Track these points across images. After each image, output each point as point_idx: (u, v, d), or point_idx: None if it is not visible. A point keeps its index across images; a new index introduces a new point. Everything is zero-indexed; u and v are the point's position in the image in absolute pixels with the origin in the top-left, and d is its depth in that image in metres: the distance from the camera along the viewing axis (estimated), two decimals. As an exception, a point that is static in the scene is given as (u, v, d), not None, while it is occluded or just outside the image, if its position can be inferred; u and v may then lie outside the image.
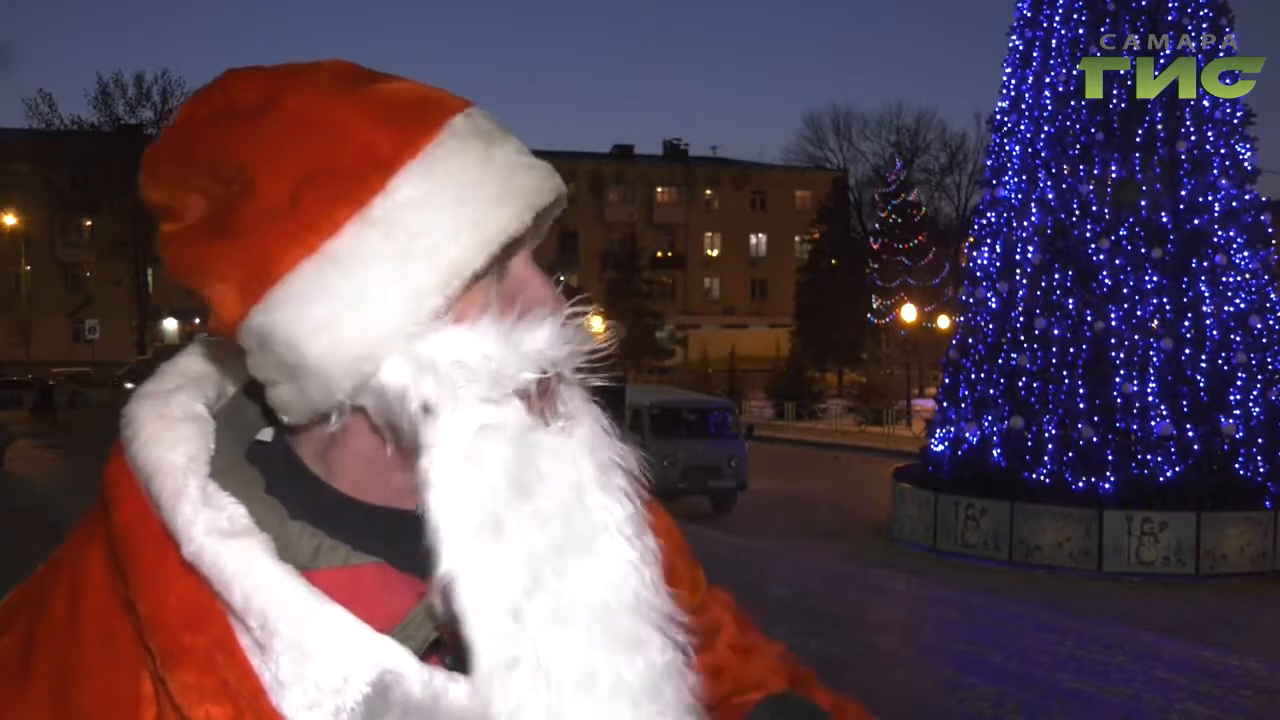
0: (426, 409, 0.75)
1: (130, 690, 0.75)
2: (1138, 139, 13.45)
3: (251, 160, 0.76)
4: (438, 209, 0.76)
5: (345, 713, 0.72)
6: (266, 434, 0.87)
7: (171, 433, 0.79)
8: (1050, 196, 13.87)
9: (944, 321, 35.24)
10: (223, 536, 0.74)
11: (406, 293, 0.75)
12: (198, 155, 0.78)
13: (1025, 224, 14.11)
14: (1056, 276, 13.66)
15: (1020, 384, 13.61)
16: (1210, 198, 13.49)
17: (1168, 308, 13.27)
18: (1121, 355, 13.16)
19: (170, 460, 0.77)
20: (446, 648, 0.79)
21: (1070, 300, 13.50)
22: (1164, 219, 13.38)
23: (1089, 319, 13.29)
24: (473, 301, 0.78)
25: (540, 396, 0.79)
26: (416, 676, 0.74)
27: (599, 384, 0.85)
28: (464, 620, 0.74)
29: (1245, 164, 13.79)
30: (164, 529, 0.75)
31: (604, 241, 56.55)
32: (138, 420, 0.81)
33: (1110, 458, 12.94)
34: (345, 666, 0.72)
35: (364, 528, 0.81)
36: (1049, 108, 13.99)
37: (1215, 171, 13.49)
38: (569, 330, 0.80)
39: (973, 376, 14.29)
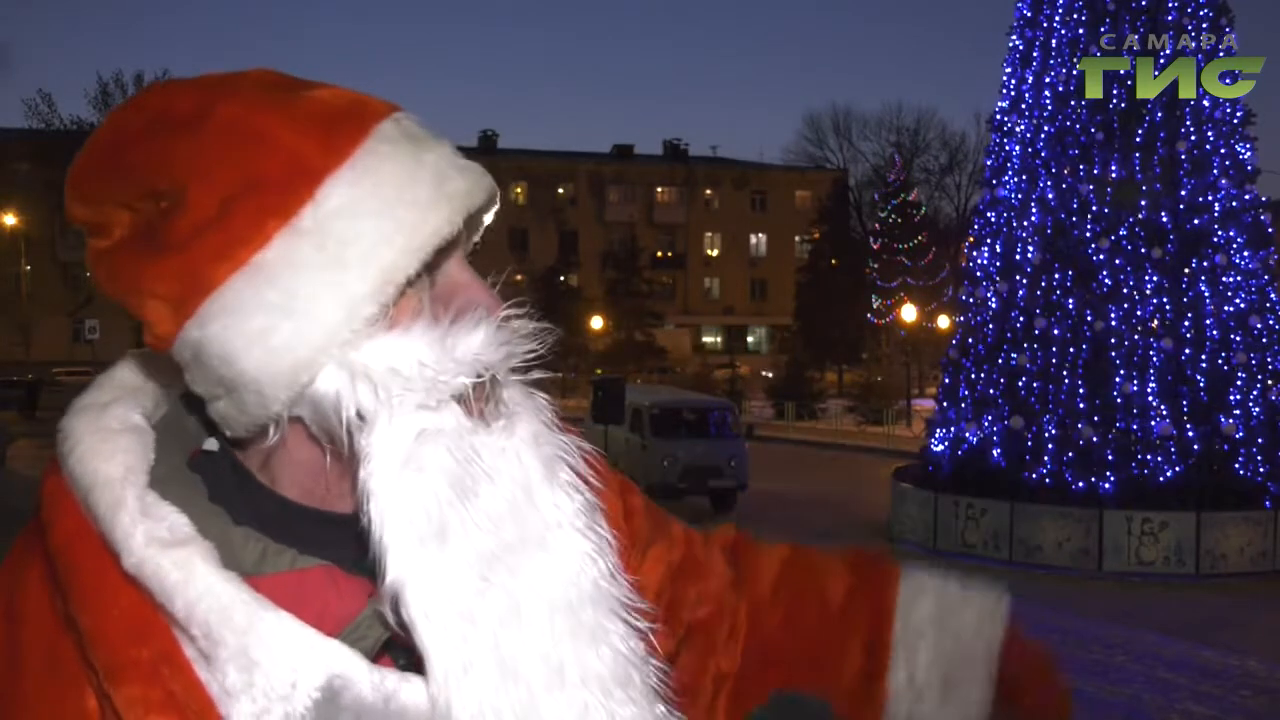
0: (362, 417, 0.75)
1: (76, 708, 0.74)
2: (1138, 139, 13.45)
3: (182, 174, 0.75)
4: (368, 215, 0.76)
5: (295, 718, 0.71)
6: (211, 443, 0.86)
7: (108, 445, 0.78)
8: (1050, 196, 13.87)
9: (944, 321, 35.24)
10: (163, 547, 0.73)
11: (339, 301, 0.75)
12: (126, 169, 0.77)
13: (1025, 224, 14.12)
14: (1056, 276, 13.66)
15: (1020, 384, 13.61)
16: (1210, 198, 13.49)
17: (1168, 308, 13.27)
18: (1121, 355, 13.17)
19: (106, 472, 0.76)
20: (399, 648, 0.78)
21: (1070, 300, 13.50)
22: (1164, 219, 13.38)
23: (1089, 319, 13.29)
24: (406, 307, 0.78)
25: (478, 399, 0.79)
26: (367, 679, 0.73)
27: (600, 383, 0.86)
28: (415, 627, 0.74)
29: (1245, 164, 13.79)
30: (103, 542, 0.74)
31: (604, 241, 56.55)
32: (74, 434, 0.80)
33: (1110, 458, 12.94)
34: (292, 672, 0.72)
35: (311, 532, 0.80)
36: (1049, 108, 13.99)
37: (1215, 171, 13.50)
38: (504, 331, 0.79)
39: (973, 376, 14.29)
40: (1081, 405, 13.17)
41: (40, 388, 35.28)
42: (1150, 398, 13.04)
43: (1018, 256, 14.12)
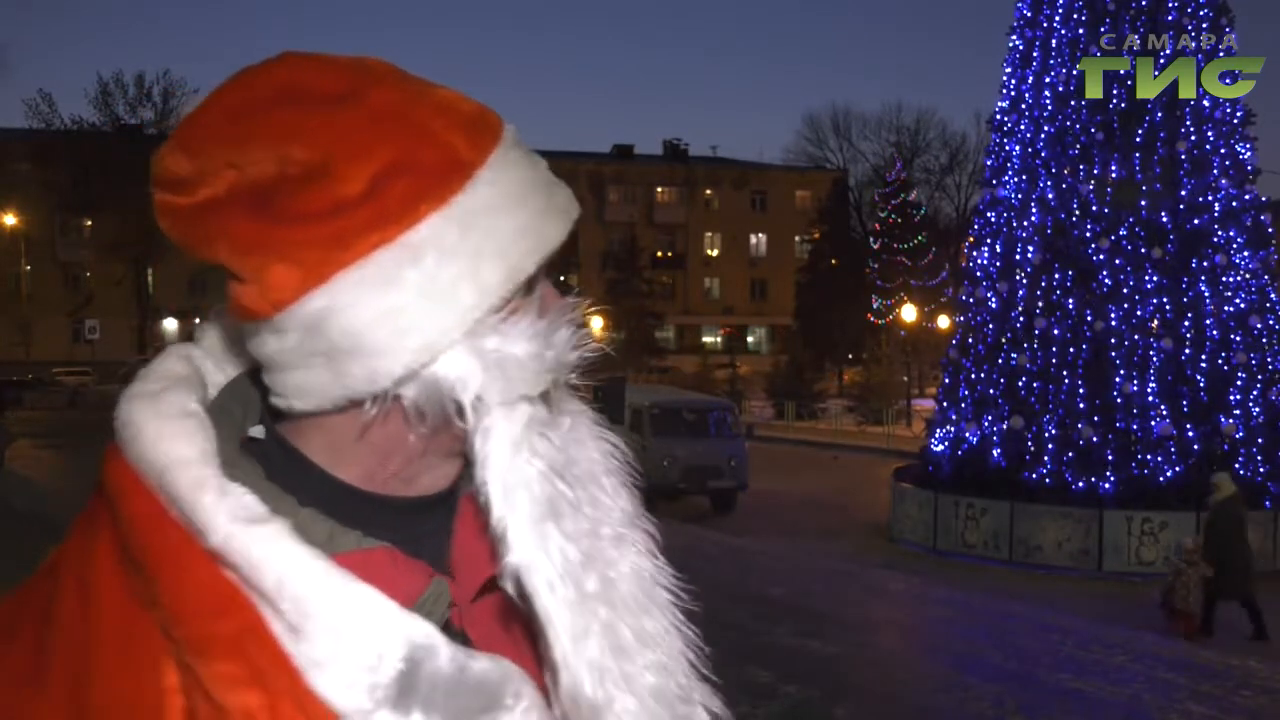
0: (479, 402, 0.79)
1: (154, 685, 0.75)
2: (1138, 139, 13.46)
3: (332, 146, 0.77)
4: (504, 213, 0.80)
5: (380, 689, 0.74)
6: (257, 431, 0.88)
7: (173, 428, 0.80)
8: (1050, 196, 13.87)
9: (944, 321, 35.25)
10: (247, 523, 0.75)
11: (474, 289, 0.78)
12: (254, 133, 0.78)
13: (1025, 224, 14.12)
14: (1056, 276, 13.67)
15: (1020, 384, 13.61)
16: (1210, 198, 13.50)
17: (1168, 308, 13.28)
18: (1121, 355, 13.17)
19: (182, 454, 0.78)
20: (454, 628, 0.82)
21: (1070, 300, 13.50)
22: (1164, 219, 13.39)
23: (1089, 319, 13.30)
24: (519, 304, 0.82)
25: (554, 395, 0.85)
26: (445, 652, 0.76)
27: (599, 382, 0.91)
28: (537, 598, 0.79)
29: (1245, 164, 13.80)
30: (180, 522, 0.76)
31: (604, 241, 56.53)
32: (135, 421, 0.81)
33: (1110, 458, 12.94)
34: (379, 644, 0.74)
35: (371, 515, 0.83)
36: (1049, 108, 13.99)
37: (1215, 171, 13.50)
38: (578, 334, 0.85)
39: (973, 376, 14.30)
40: (1081, 405, 13.18)
41: (12, 387, 35.21)
42: (1150, 398, 13.04)
43: (1018, 256, 14.13)
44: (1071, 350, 13.39)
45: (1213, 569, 9.97)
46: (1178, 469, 12.73)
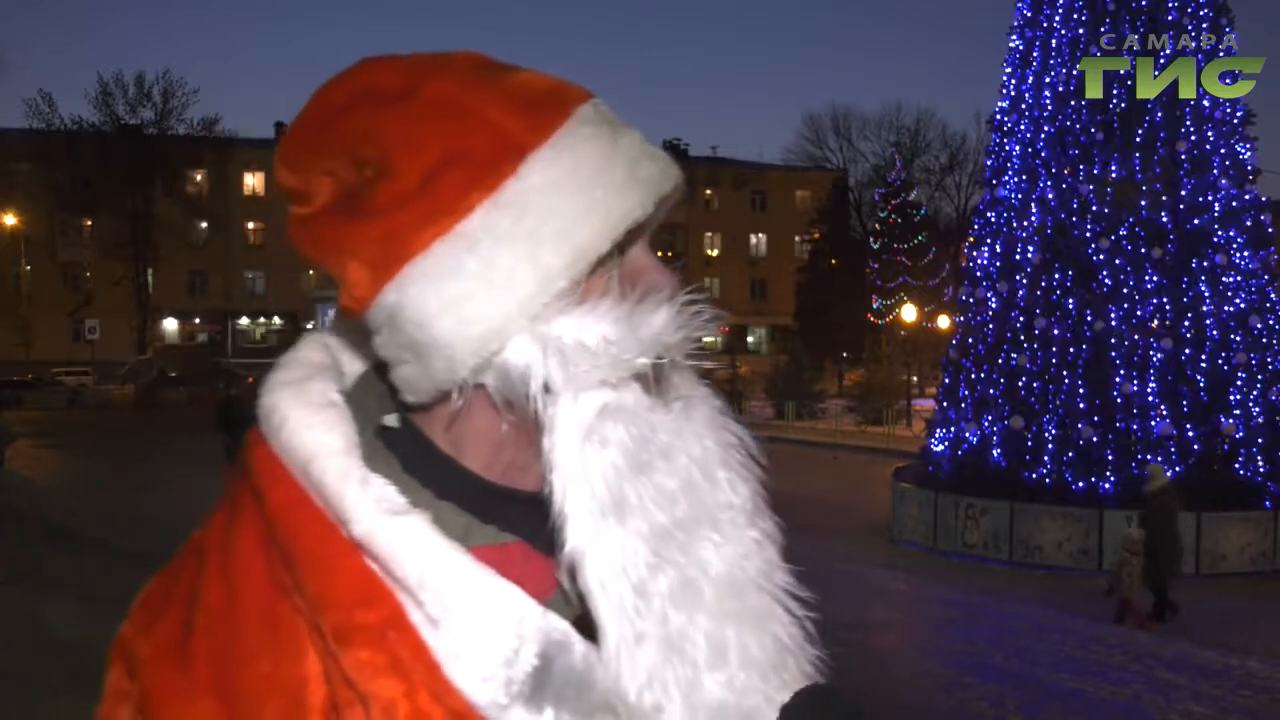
0: (548, 388, 0.78)
1: (295, 671, 0.76)
2: (1138, 139, 13.46)
3: (390, 144, 0.78)
4: (566, 193, 0.78)
5: (516, 684, 0.74)
6: (391, 420, 0.88)
7: (318, 418, 0.81)
8: (1050, 196, 13.87)
9: (944, 321, 35.24)
10: (390, 515, 0.76)
11: (534, 274, 0.77)
12: (333, 140, 0.80)
13: (1025, 224, 14.12)
14: (1056, 276, 13.67)
15: (1020, 384, 13.61)
16: (1210, 198, 13.50)
17: (1168, 308, 13.27)
18: (1121, 355, 13.17)
19: (329, 443, 0.79)
20: (585, 627, 0.80)
21: (1070, 300, 13.50)
22: (1164, 219, 13.38)
23: (1089, 319, 13.30)
24: (595, 285, 0.80)
25: (657, 379, 0.81)
26: (578, 648, 0.76)
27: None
28: (590, 596, 0.77)
29: (1245, 164, 13.80)
30: (325, 510, 0.77)
31: (604, 241, 56.42)
32: (280, 409, 0.82)
33: (1110, 458, 12.94)
34: (517, 639, 0.74)
35: (503, 508, 0.83)
36: (1049, 108, 13.99)
37: (1215, 171, 13.50)
38: (683, 315, 0.81)
39: (973, 376, 14.30)
40: (1081, 405, 13.17)
41: (11, 387, 35.26)
42: (1150, 398, 13.04)
43: (1018, 256, 14.13)
44: (1071, 350, 13.38)
45: (1148, 558, 10.14)
46: (1178, 469, 12.73)
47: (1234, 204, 13.58)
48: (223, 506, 0.85)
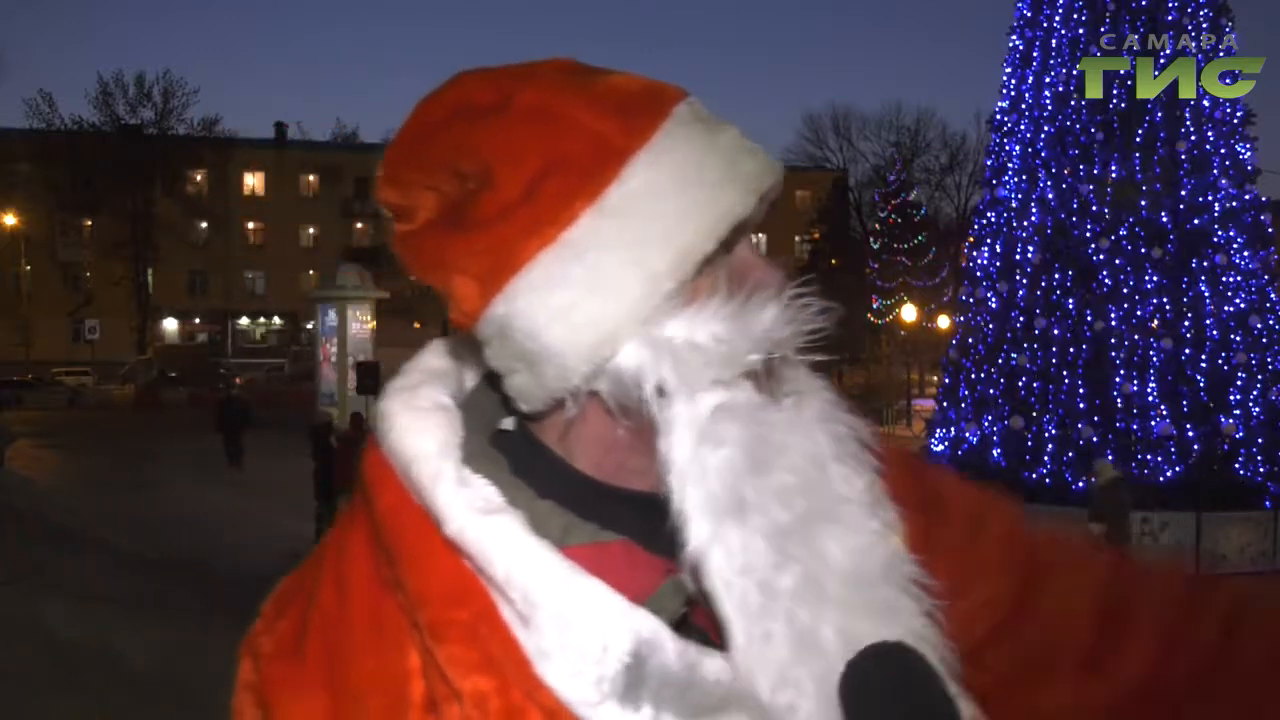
0: (661, 391, 0.78)
1: (398, 666, 0.78)
2: (1138, 139, 13.46)
3: (489, 156, 0.79)
4: (668, 195, 0.78)
5: (607, 681, 0.74)
6: (508, 423, 0.90)
7: (421, 422, 0.82)
8: (1050, 196, 13.88)
9: (944, 321, 35.24)
10: (482, 514, 0.77)
11: (641, 278, 0.77)
12: (434, 155, 0.81)
13: (1025, 224, 14.12)
14: (1056, 276, 13.67)
15: (1020, 384, 13.61)
16: (1210, 198, 13.50)
17: (1168, 308, 13.28)
18: (1121, 355, 13.17)
19: (425, 447, 0.80)
20: (693, 624, 0.80)
21: (1070, 300, 13.50)
22: (1164, 219, 13.38)
23: (1089, 319, 13.30)
24: (702, 285, 0.80)
25: (768, 376, 0.82)
26: (672, 647, 0.75)
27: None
28: (715, 596, 0.77)
29: (1245, 164, 13.80)
30: (424, 511, 0.79)
31: (604, 241, 56.42)
32: (390, 414, 0.84)
33: (1110, 458, 12.94)
34: (604, 636, 0.74)
35: (609, 508, 0.83)
36: (1049, 108, 13.99)
37: (1215, 171, 13.50)
38: (792, 310, 0.81)
39: (973, 376, 14.30)
40: (1081, 405, 13.17)
41: (10, 387, 35.31)
42: (1150, 398, 13.04)
43: (1018, 256, 14.13)
44: (1071, 350, 13.39)
45: None
46: (1178, 469, 12.73)
47: (1234, 204, 13.57)
48: (345, 510, 0.88)
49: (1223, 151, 13.58)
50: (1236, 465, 12.98)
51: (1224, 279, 13.37)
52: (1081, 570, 1.00)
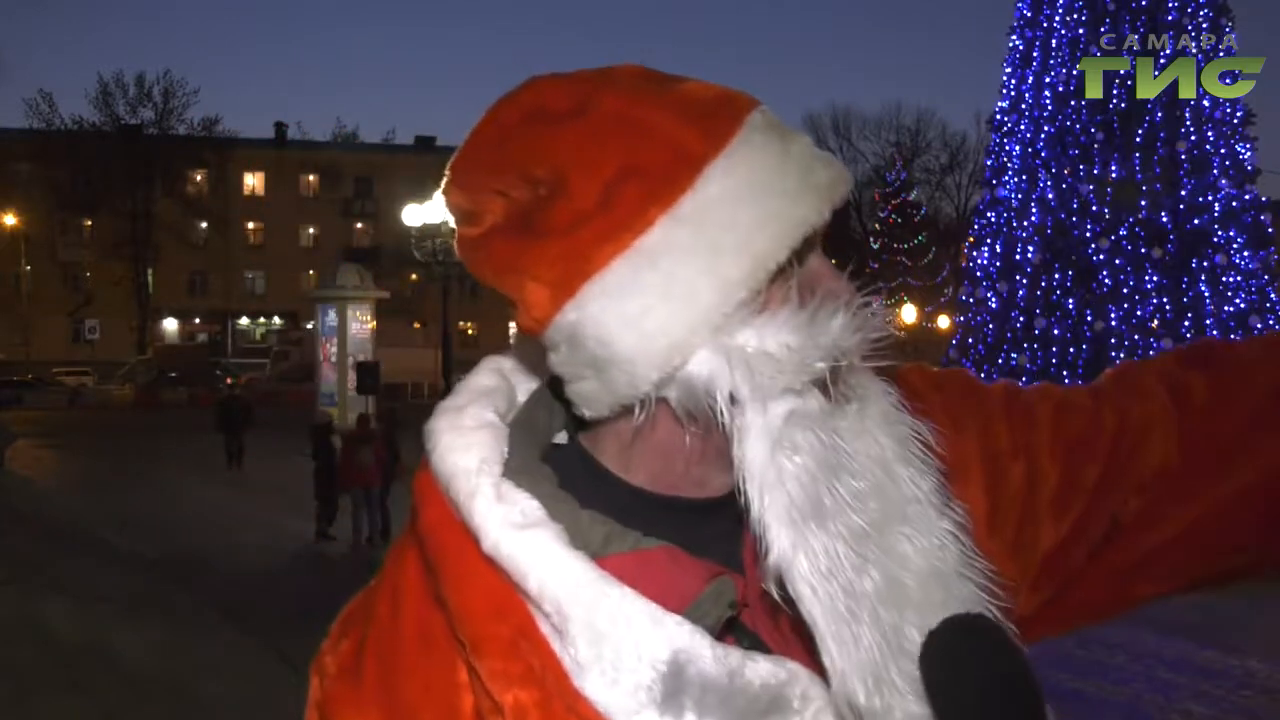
0: (734, 399, 0.78)
1: (448, 680, 0.81)
2: (1138, 139, 13.46)
3: (565, 161, 0.79)
4: (742, 203, 0.78)
5: (644, 690, 0.74)
6: (561, 437, 0.91)
7: (463, 440, 0.84)
8: (1050, 196, 13.88)
9: (944, 321, 35.24)
10: (516, 529, 0.78)
11: (714, 286, 0.77)
12: (506, 159, 0.81)
13: (1025, 224, 14.13)
14: (1056, 276, 13.68)
15: (1020, 384, 13.63)
16: (1210, 198, 13.50)
17: (1168, 308, 13.28)
18: (1121, 355, 13.17)
19: (464, 464, 0.82)
20: (744, 627, 0.81)
21: (1070, 300, 13.51)
22: (1164, 219, 13.39)
23: (1089, 319, 13.31)
24: (775, 293, 0.80)
25: (834, 382, 0.81)
26: (710, 654, 0.75)
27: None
28: (801, 601, 0.77)
29: (1245, 164, 13.80)
30: (463, 527, 0.80)
31: (604, 241, 56.41)
32: (436, 433, 0.86)
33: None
34: (638, 646, 0.75)
35: (656, 516, 0.83)
36: (1049, 108, 14.00)
37: (1215, 171, 13.51)
38: (860, 318, 0.82)
39: (973, 376, 14.31)
40: (1081, 405, 13.19)
41: (11, 387, 35.30)
42: (1150, 398, 13.05)
43: (1018, 256, 14.14)
44: (1071, 350, 13.39)
45: None
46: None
47: (1234, 204, 13.58)
48: (406, 529, 0.89)
49: (1223, 151, 13.59)
50: (1236, 465, 12.99)
51: (1224, 279, 13.38)
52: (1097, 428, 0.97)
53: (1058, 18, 14.01)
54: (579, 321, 0.78)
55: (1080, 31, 13.74)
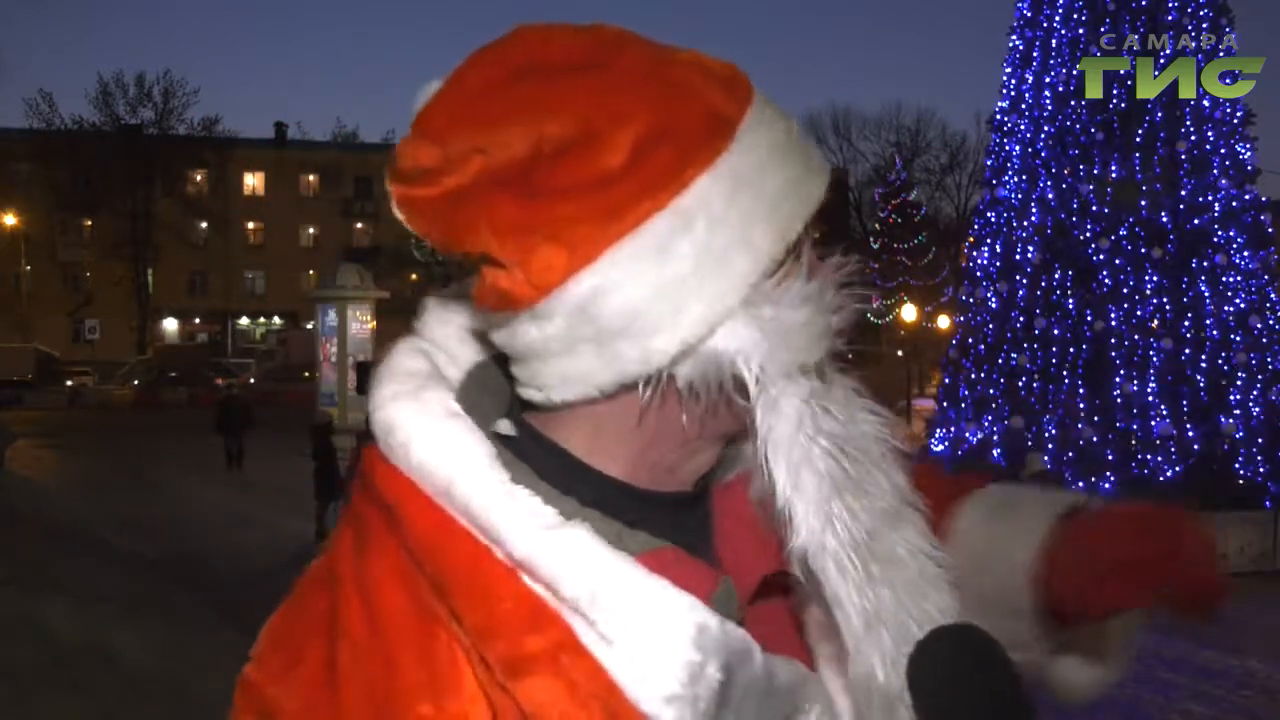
0: (762, 375, 0.74)
1: (454, 709, 0.71)
2: (1138, 139, 13.45)
3: (587, 116, 0.72)
4: (768, 172, 0.75)
5: (703, 701, 0.69)
6: (504, 425, 0.84)
7: (449, 433, 0.75)
8: (1050, 196, 13.87)
9: (944, 321, 35.23)
10: (549, 530, 0.71)
11: (747, 254, 0.73)
12: (503, 113, 0.73)
13: (1025, 224, 14.12)
14: (1056, 276, 13.67)
15: (1020, 384, 13.61)
16: (1210, 198, 13.49)
17: (1168, 308, 13.27)
18: (1121, 355, 13.17)
19: (469, 461, 0.74)
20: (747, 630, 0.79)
21: (1070, 300, 13.50)
22: (1164, 219, 13.38)
23: (1089, 319, 13.30)
24: (791, 268, 0.78)
25: (823, 364, 0.80)
26: (759, 658, 0.73)
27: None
28: (827, 582, 0.77)
29: (1245, 164, 13.79)
30: (474, 533, 0.72)
31: (604, 241, 56.39)
32: (402, 425, 0.76)
33: (1110, 458, 12.94)
34: (700, 652, 0.69)
35: (640, 510, 0.78)
36: (1049, 108, 13.99)
37: (1215, 171, 13.50)
38: (843, 297, 0.80)
39: (973, 376, 14.29)
40: (1081, 405, 13.17)
41: (11, 387, 35.33)
42: (1150, 398, 13.03)
43: (1018, 256, 14.13)
44: (1071, 350, 13.38)
45: None
46: (1178, 469, 12.72)
47: (1234, 204, 13.57)
48: (345, 530, 0.79)
49: (1223, 151, 13.58)
50: (1236, 465, 12.97)
51: (1224, 279, 13.37)
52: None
53: (1058, 18, 13.99)
54: (598, 288, 0.71)
55: (1080, 31, 13.72)
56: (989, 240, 14.65)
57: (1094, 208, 13.54)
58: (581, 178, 0.71)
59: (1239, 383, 13.17)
